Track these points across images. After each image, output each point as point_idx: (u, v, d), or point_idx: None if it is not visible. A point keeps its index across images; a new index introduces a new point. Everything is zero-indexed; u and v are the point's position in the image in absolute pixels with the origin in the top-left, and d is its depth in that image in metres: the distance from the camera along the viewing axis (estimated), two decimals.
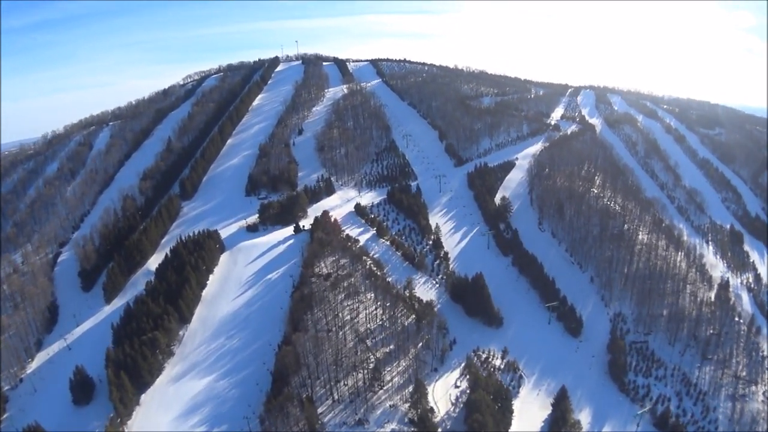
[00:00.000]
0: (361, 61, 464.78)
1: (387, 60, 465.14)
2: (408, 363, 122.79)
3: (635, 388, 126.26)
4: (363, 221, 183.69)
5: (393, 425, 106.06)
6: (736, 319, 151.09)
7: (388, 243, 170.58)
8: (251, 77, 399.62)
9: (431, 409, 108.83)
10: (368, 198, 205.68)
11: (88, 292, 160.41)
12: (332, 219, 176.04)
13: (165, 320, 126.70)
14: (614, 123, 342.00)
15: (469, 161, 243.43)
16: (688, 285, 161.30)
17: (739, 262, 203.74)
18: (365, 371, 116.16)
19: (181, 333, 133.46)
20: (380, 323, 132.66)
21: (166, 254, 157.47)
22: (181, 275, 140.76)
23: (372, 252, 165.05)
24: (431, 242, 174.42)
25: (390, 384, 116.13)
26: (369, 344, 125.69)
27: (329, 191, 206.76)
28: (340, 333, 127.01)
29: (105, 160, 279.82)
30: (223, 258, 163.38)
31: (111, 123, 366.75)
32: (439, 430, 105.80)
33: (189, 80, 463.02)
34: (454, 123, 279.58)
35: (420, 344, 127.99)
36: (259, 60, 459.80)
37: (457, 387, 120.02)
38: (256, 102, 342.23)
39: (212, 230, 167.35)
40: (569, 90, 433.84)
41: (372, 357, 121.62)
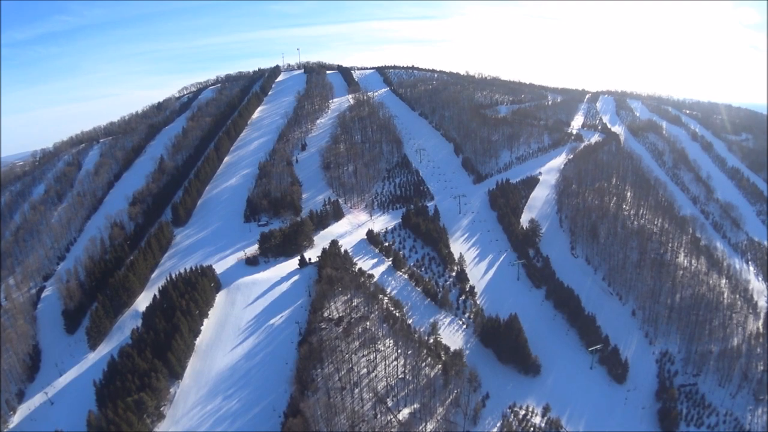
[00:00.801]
0: (367, 69, 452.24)
1: (394, 67, 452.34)
2: (436, 425, 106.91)
3: None
4: (376, 250, 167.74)
5: None
6: None
7: (406, 276, 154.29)
8: (250, 88, 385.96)
9: None
10: (381, 222, 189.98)
11: (72, 335, 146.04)
12: (342, 250, 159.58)
13: (153, 378, 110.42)
14: (638, 131, 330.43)
15: (489, 177, 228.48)
16: (734, 314, 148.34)
17: None
18: None
19: (172, 390, 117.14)
20: (402, 377, 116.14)
21: (155, 295, 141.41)
22: (171, 322, 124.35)
23: (388, 288, 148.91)
24: (454, 274, 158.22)
25: None
26: (390, 404, 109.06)
27: (337, 215, 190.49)
28: (356, 391, 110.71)
29: (93, 182, 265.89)
30: (220, 298, 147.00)
31: (102, 140, 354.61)
32: None
33: (185, 92, 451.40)
34: (470, 134, 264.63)
35: (448, 401, 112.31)
36: (259, 69, 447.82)
37: None
38: (256, 115, 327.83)
39: (206, 266, 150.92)
40: (587, 96, 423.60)
41: (394, 420, 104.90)
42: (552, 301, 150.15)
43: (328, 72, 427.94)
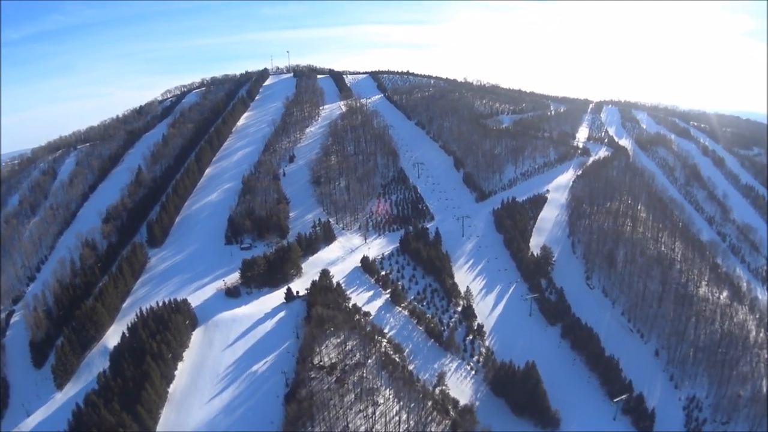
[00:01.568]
0: (360, 74, 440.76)
1: (388, 72, 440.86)
2: None
3: None
4: (372, 281, 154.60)
5: None
6: None
7: (407, 313, 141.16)
8: (237, 92, 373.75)
9: None
10: (377, 247, 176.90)
11: (40, 369, 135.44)
12: (334, 282, 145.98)
13: None
14: (646, 144, 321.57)
15: (493, 195, 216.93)
16: (761, 351, 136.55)
17: None
18: None
19: None
20: None
21: (124, 333, 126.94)
22: (141, 368, 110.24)
23: (387, 327, 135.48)
24: (460, 309, 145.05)
25: None
26: None
27: (328, 238, 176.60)
28: None
29: (68, 193, 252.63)
30: (196, 337, 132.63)
31: (79, 147, 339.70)
32: None
33: (168, 96, 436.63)
34: (471, 147, 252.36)
35: None
36: (246, 73, 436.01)
37: None
38: (241, 122, 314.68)
39: (181, 300, 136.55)
40: (590, 105, 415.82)
41: None
42: (569, 341, 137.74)
43: (319, 76, 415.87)
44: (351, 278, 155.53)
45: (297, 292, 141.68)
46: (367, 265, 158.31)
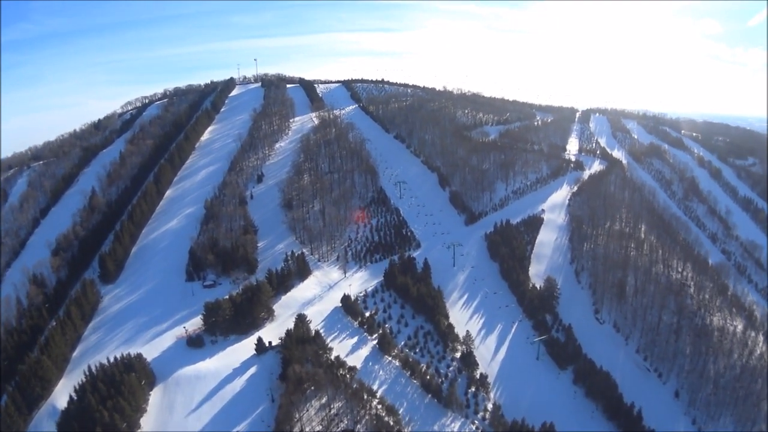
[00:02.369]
0: (332, 83, 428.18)
1: (362, 81, 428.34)
2: None
3: None
4: (355, 324, 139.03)
5: None
6: None
7: (398, 363, 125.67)
8: (201, 104, 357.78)
9: None
10: (358, 281, 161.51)
11: None
12: (312, 328, 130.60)
13: None
14: (640, 156, 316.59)
15: (483, 216, 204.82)
16: None
17: None
18: None
19: None
20: None
21: (71, 396, 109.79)
22: None
23: (376, 383, 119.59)
24: (459, 355, 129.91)
25: None
26: None
27: (303, 273, 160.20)
28: None
29: (17, 219, 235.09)
30: (155, 398, 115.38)
31: (33, 165, 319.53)
32: None
33: (129, 108, 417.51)
34: (457, 163, 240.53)
35: None
36: (212, 83, 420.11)
37: None
38: (205, 136, 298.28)
39: (136, 356, 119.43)
40: (577, 114, 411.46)
41: None
42: (582, 387, 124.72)
43: (289, 86, 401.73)
44: (331, 322, 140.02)
45: (269, 343, 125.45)
46: (349, 306, 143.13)
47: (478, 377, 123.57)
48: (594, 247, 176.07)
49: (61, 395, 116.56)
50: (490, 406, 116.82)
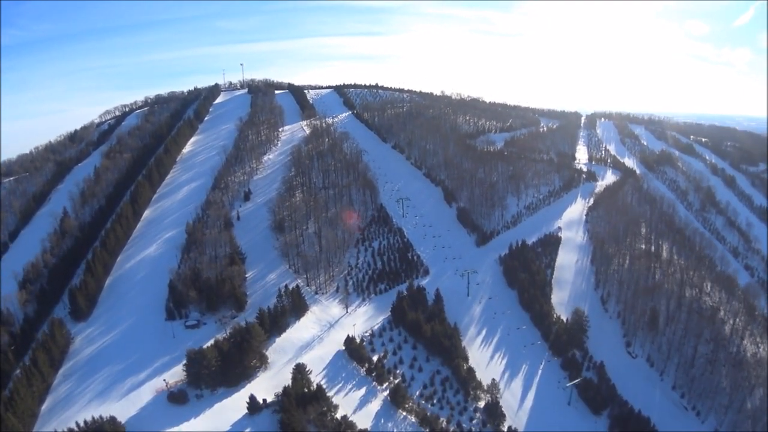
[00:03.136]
0: (323, 89, 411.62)
1: (355, 86, 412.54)
2: None
3: None
4: (362, 371, 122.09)
5: None
6: None
7: (414, 419, 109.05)
8: (183, 113, 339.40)
9: None
10: (362, 318, 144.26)
11: None
12: (313, 380, 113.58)
13: None
14: (653, 164, 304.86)
15: (495, 235, 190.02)
16: None
17: None
18: None
19: None
20: None
21: None
22: None
23: None
24: (483, 405, 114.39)
25: None
26: None
27: (299, 310, 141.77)
28: None
29: None
30: None
31: (4, 181, 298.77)
32: None
33: (108, 117, 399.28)
34: (463, 176, 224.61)
35: None
36: (195, 89, 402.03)
37: None
38: (188, 148, 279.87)
39: (109, 419, 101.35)
40: (583, 119, 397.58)
41: None
42: None
43: (277, 92, 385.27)
44: (334, 369, 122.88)
45: (264, 400, 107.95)
46: (354, 349, 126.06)
47: None
48: (618, 270, 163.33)
49: None
50: None
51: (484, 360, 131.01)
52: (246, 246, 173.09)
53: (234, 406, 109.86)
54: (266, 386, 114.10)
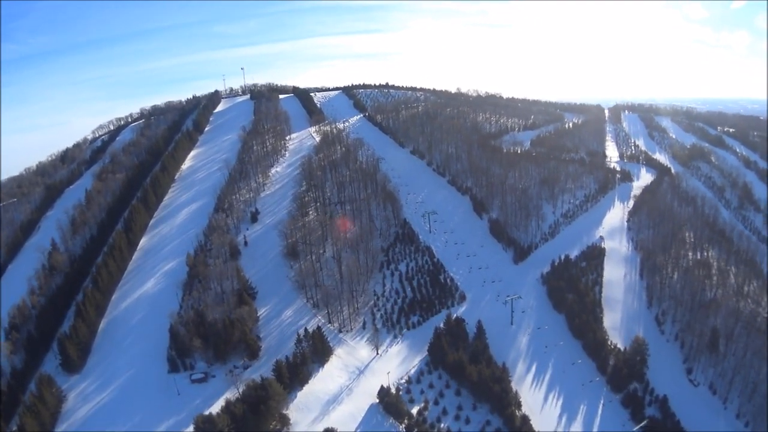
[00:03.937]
0: (330, 90, 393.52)
1: (364, 87, 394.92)
2: None
3: None
4: (401, 428, 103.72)
5: None
6: None
7: None
8: (182, 124, 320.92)
9: None
10: (395, 360, 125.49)
11: None
12: None
13: None
14: (686, 160, 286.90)
15: (533, 250, 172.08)
16: None
17: None
18: None
19: None
20: None
21: None
22: None
23: None
24: None
25: None
26: None
27: (322, 354, 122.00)
28: None
29: None
30: None
31: None
32: None
33: (102, 132, 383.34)
34: (492, 182, 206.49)
35: None
36: (194, 97, 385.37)
37: None
38: (187, 164, 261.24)
39: None
40: (606, 112, 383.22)
41: None
42: None
43: (281, 96, 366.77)
44: (368, 427, 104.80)
45: None
46: (390, 402, 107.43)
47: None
48: (670, 283, 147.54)
49: None
50: None
51: (538, 403, 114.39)
52: (256, 277, 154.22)
53: None
54: None
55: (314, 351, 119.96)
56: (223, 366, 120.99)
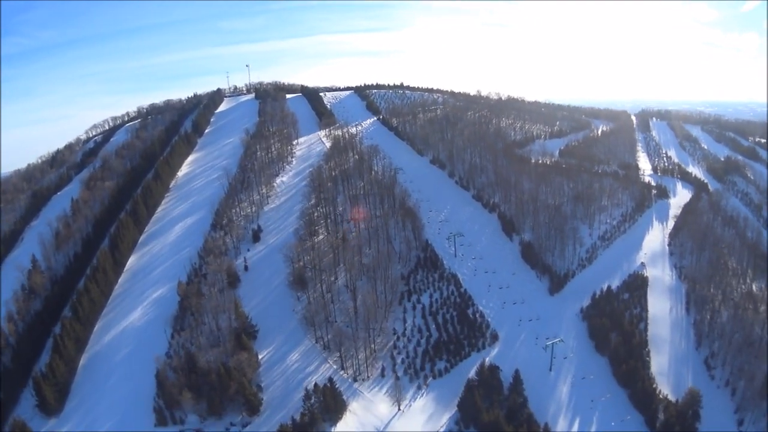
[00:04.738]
0: (341, 90, 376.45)
1: (377, 87, 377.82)
2: None
3: None
4: None
5: None
6: None
7: None
8: (180, 124, 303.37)
9: None
10: (420, 417, 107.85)
11: None
12: None
13: None
14: (721, 174, 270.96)
15: (570, 278, 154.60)
16: None
17: None
18: None
19: None
20: None
21: None
22: None
23: None
24: None
25: None
26: None
27: (335, 411, 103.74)
28: None
29: None
30: None
31: None
32: None
33: (97, 132, 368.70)
34: (522, 197, 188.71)
35: None
36: (195, 96, 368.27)
37: None
38: (184, 170, 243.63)
39: None
40: (634, 120, 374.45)
41: None
42: None
43: (288, 96, 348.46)
44: None
45: None
46: None
47: None
48: (719, 320, 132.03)
49: None
50: None
51: None
52: (257, 311, 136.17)
53: None
54: None
55: (325, 408, 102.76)
56: (219, 421, 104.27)
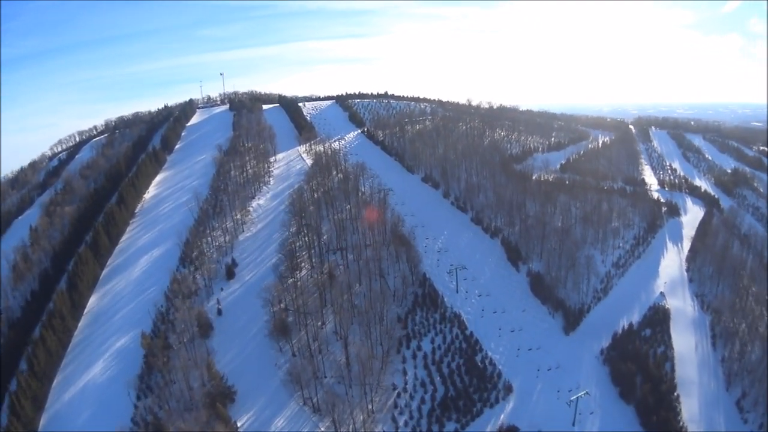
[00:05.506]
0: (321, 100, 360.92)
1: (360, 96, 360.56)
2: None
3: None
4: None
5: None
6: None
7: None
8: (149, 140, 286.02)
9: None
10: None
11: None
12: None
13: None
14: (730, 187, 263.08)
15: (586, 313, 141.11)
16: None
17: None
18: None
19: None
20: None
21: None
22: None
23: None
24: None
25: None
26: None
27: None
28: None
29: None
30: None
31: None
32: None
33: (62, 148, 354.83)
34: (527, 220, 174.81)
35: None
36: (165, 107, 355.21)
37: None
38: (152, 191, 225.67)
39: None
40: (632, 129, 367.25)
41: None
42: None
43: (265, 107, 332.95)
44: None
45: None
46: None
47: None
48: (748, 355, 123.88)
49: None
50: None
51: None
52: (233, 366, 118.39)
53: None
54: None
55: None
56: None
